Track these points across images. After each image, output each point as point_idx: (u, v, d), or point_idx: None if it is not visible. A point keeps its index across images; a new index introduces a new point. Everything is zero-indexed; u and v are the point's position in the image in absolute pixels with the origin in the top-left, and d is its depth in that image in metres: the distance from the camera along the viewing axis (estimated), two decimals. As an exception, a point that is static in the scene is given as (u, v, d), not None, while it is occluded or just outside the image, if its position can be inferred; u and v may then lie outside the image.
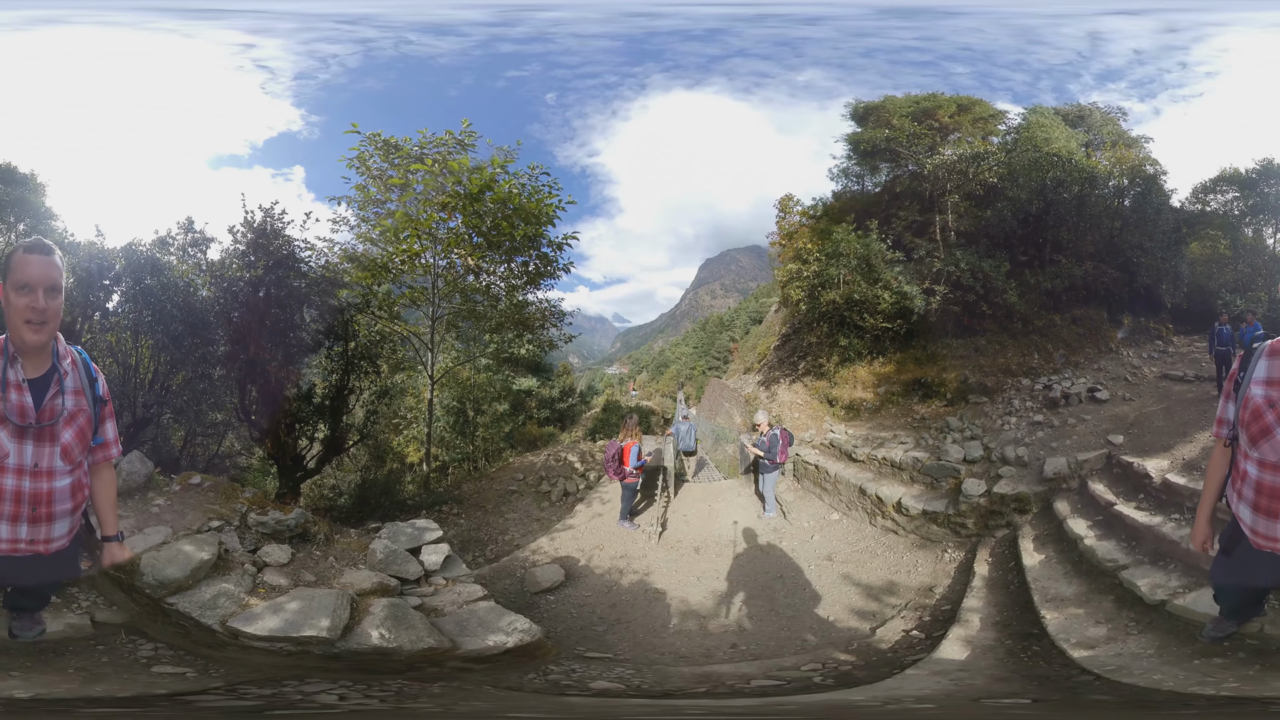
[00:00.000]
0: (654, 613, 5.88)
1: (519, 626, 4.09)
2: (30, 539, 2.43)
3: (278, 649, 3.42)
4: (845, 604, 5.79)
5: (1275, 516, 2.41)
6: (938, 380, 10.53)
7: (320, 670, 3.44)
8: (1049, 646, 3.79)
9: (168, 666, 3.25)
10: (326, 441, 10.11)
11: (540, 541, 8.15)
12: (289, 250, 8.85)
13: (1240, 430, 2.51)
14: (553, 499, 9.98)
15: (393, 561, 4.75)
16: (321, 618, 3.51)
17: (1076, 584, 4.55)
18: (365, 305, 10.67)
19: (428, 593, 4.64)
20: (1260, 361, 2.48)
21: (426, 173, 10.10)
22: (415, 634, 3.71)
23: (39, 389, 2.41)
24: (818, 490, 9.29)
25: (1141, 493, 5.43)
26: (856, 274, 10.81)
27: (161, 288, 7.86)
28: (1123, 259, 12.01)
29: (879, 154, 11.91)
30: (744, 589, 6.25)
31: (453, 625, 4.07)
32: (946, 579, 5.95)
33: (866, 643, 4.82)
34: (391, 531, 5.30)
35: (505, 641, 3.93)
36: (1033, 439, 8.24)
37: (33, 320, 2.27)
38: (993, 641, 4.13)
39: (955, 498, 6.96)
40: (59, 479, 2.46)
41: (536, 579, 6.53)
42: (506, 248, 11.15)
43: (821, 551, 7.28)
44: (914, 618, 5.18)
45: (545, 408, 18.13)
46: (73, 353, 2.57)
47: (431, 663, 3.66)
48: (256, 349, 8.37)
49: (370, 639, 3.54)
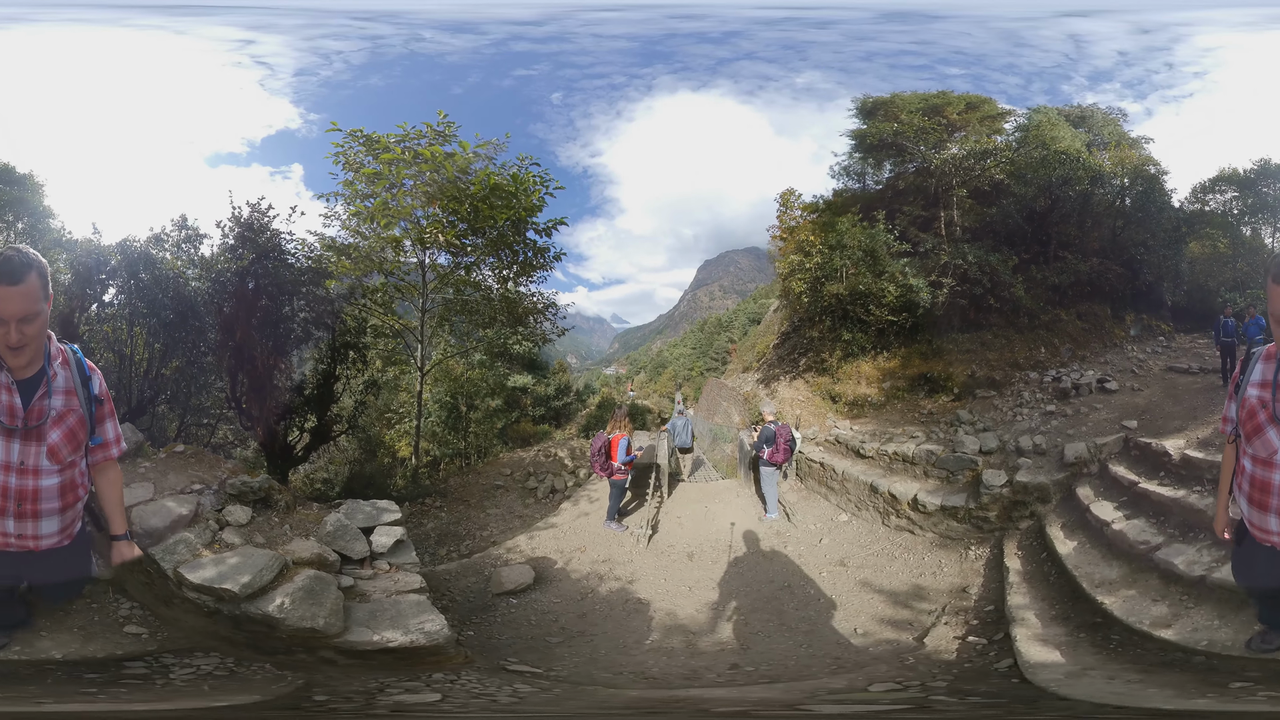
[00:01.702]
0: (630, 626, 5.33)
1: (426, 628, 3.79)
2: (18, 534, 2.47)
3: (202, 603, 3.50)
4: (871, 613, 5.34)
5: (1265, 509, 2.59)
6: (944, 374, 10.37)
7: (225, 641, 3.40)
8: (1127, 632, 3.65)
9: (134, 626, 3.35)
10: (313, 430, 10.08)
11: (518, 540, 7.74)
12: (275, 242, 8.95)
13: (1239, 427, 2.71)
14: (539, 496, 9.64)
15: (340, 536, 4.62)
16: (244, 574, 3.56)
17: (1117, 566, 4.46)
18: (352, 296, 10.52)
19: (365, 575, 4.48)
20: (1257, 365, 2.67)
21: (398, 160, 9.98)
22: (311, 612, 3.54)
23: (28, 390, 2.43)
24: (823, 490, 8.94)
25: (1162, 470, 5.49)
26: (861, 266, 10.64)
27: (154, 281, 8.25)
28: (1126, 256, 12.04)
29: (885, 148, 11.80)
30: (746, 600, 5.73)
31: (365, 613, 3.89)
32: (978, 578, 5.63)
33: (925, 654, 4.39)
34: (350, 508, 5.11)
35: (393, 640, 3.66)
36: (1048, 428, 8.13)
37: (12, 347, 2.31)
38: (1067, 636, 3.87)
39: (975, 490, 6.72)
40: (45, 478, 2.48)
41: (501, 580, 6.16)
42: (492, 236, 10.93)
43: (833, 556, 6.84)
44: (960, 622, 4.81)
45: (540, 405, 17.82)
46: (65, 352, 2.57)
47: (306, 647, 3.50)
48: (243, 336, 8.34)
49: (269, 605, 3.47)
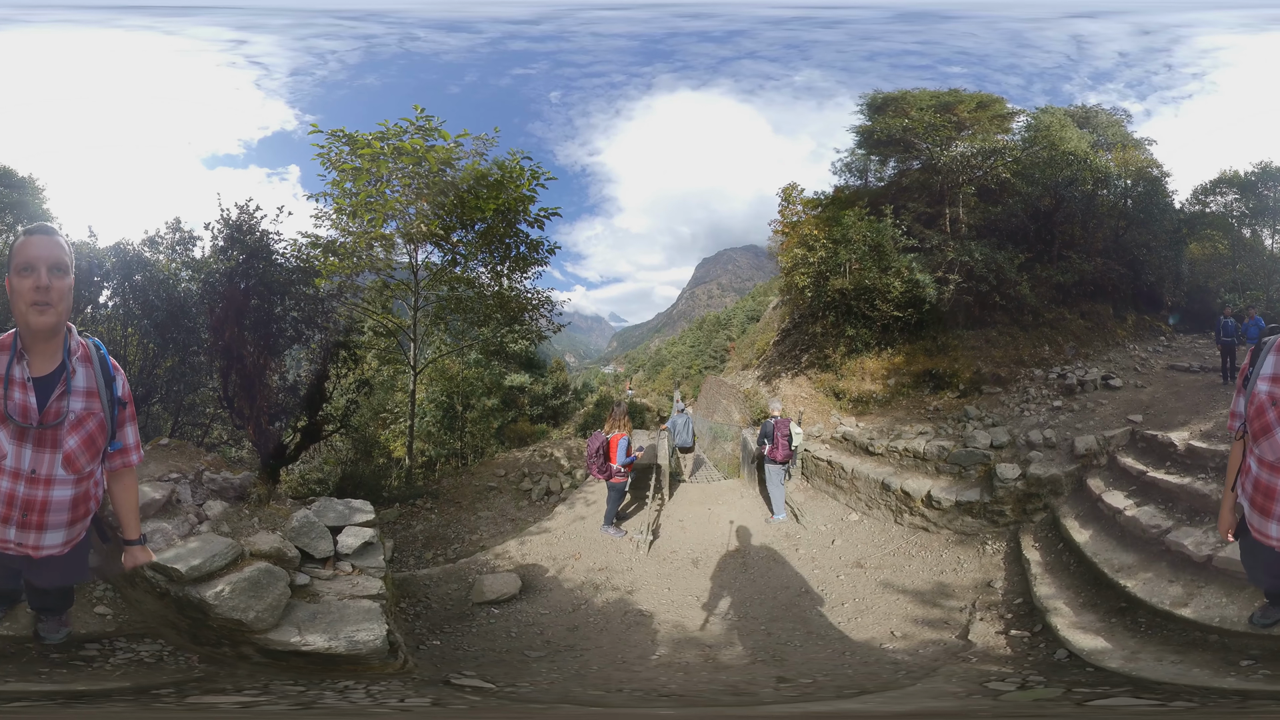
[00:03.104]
0: (630, 639, 4.96)
1: (357, 636, 3.63)
2: (19, 542, 2.28)
3: (156, 582, 3.48)
4: (901, 614, 5.18)
5: (1267, 514, 2.44)
6: (950, 371, 10.28)
7: (171, 628, 3.41)
8: (1152, 614, 3.78)
9: (103, 607, 3.33)
10: (304, 430, 9.96)
11: (508, 545, 7.39)
12: (264, 243, 8.91)
13: (1246, 425, 2.53)
14: (533, 498, 9.38)
15: (305, 533, 4.52)
16: (196, 558, 3.54)
17: (1132, 552, 4.64)
18: (342, 295, 10.43)
19: (324, 575, 4.36)
20: (1269, 357, 2.45)
21: (379, 155, 9.95)
22: (246, 603, 3.46)
23: (45, 387, 2.21)
24: (831, 489, 8.73)
25: (1168, 460, 5.69)
26: (867, 260, 10.53)
27: (148, 283, 8.33)
28: (1129, 256, 12.07)
29: (892, 144, 11.74)
30: (762, 608, 5.46)
31: (305, 613, 3.76)
32: (1000, 572, 5.55)
33: (981, 652, 4.28)
34: (321, 505, 5.01)
35: (311, 644, 3.51)
36: (1056, 422, 8.11)
37: (38, 301, 2.10)
38: (1100, 622, 3.90)
39: (989, 485, 6.62)
40: (58, 488, 2.26)
41: (483, 588, 5.86)
42: (481, 229, 10.79)
43: (848, 558, 6.65)
44: (994, 616, 4.73)
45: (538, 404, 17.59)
46: (87, 346, 2.35)
47: (231, 641, 3.43)
48: (232, 335, 8.24)
49: (208, 591, 3.42)
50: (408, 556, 7.69)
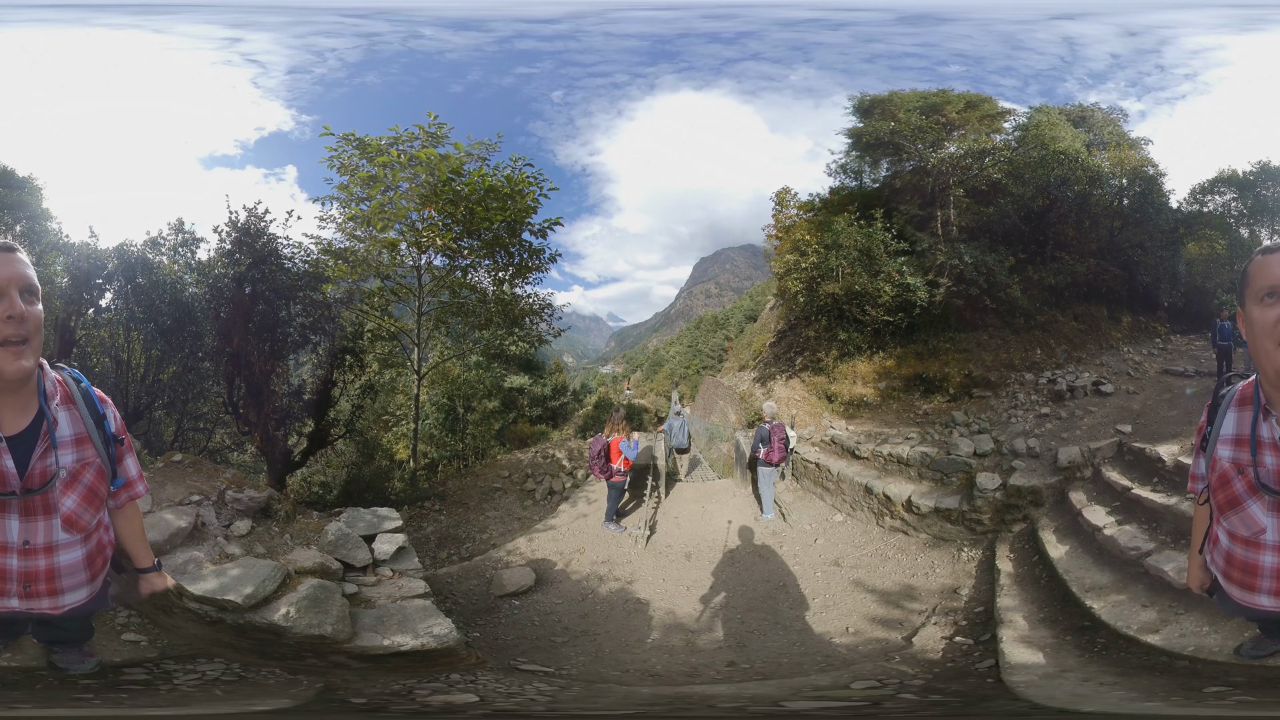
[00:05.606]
0: (631, 625, 5.44)
1: (434, 631, 3.86)
2: (28, 609, 2.00)
3: (204, 613, 3.47)
4: (862, 612, 5.44)
5: (1251, 589, 2.15)
6: (940, 375, 10.37)
7: (229, 648, 3.38)
8: (1113, 636, 3.67)
9: (132, 634, 3.27)
10: (311, 435, 10.07)
11: (518, 542, 7.79)
12: (272, 247, 8.97)
13: (1210, 492, 2.21)
14: (537, 498, 9.66)
15: (342, 545, 4.64)
16: (247, 585, 3.53)
17: (1108, 572, 4.49)
18: (350, 300, 10.56)
19: (369, 582, 4.52)
20: (1228, 414, 2.10)
21: (394, 163, 10.04)
22: (318, 619, 3.56)
23: (22, 447, 1.85)
24: (819, 490, 8.97)
25: (1155, 477, 5.45)
26: (857, 266, 10.63)
27: (152, 286, 8.26)
28: (1124, 258, 12.00)
29: (882, 147, 11.77)
30: (742, 599, 5.86)
31: (372, 619, 3.92)
32: (969, 579, 5.69)
33: (910, 654, 4.48)
34: (351, 516, 5.17)
35: (404, 644, 3.71)
36: (1042, 430, 8.09)
37: (10, 337, 1.73)
38: (1052, 639, 3.91)
39: (968, 493, 6.73)
40: (63, 553, 1.96)
41: (503, 582, 6.23)
42: (487, 238, 10.93)
43: (827, 556, 6.93)
44: (948, 622, 4.89)
45: (537, 405, 17.83)
46: (65, 385, 1.97)
47: (316, 653, 3.52)
48: (240, 341, 8.36)
49: (274, 615, 3.48)
50: (423, 557, 8.01)
